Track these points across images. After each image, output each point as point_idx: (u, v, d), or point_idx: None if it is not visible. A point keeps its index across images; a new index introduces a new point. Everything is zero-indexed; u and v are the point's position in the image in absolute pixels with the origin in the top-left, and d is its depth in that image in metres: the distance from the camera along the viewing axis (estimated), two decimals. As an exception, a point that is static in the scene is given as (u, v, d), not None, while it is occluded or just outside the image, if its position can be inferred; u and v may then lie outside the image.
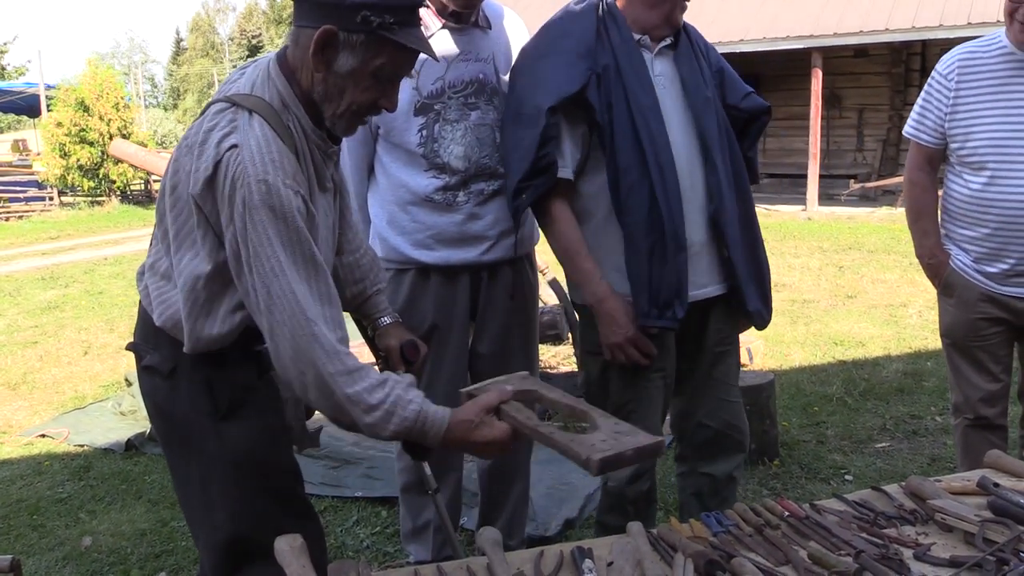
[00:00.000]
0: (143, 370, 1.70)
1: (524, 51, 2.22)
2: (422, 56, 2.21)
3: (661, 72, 2.15)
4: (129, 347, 1.77)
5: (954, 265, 2.54)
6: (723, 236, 2.16)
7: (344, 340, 1.51)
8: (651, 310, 2.09)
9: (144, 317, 1.70)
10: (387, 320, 1.97)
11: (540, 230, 2.37)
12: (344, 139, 2.12)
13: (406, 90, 2.21)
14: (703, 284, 2.18)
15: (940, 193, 2.61)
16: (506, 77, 2.34)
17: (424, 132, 2.26)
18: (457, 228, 2.32)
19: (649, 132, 2.06)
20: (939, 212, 2.62)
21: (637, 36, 2.12)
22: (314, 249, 1.49)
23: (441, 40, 2.26)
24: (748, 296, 2.20)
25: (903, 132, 2.62)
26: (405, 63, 1.55)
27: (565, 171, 2.13)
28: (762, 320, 2.25)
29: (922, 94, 2.54)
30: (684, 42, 2.19)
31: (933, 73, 2.50)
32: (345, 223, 1.91)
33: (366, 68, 1.49)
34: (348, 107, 1.54)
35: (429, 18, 2.24)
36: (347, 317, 1.68)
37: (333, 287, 1.52)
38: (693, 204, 2.13)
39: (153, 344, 1.67)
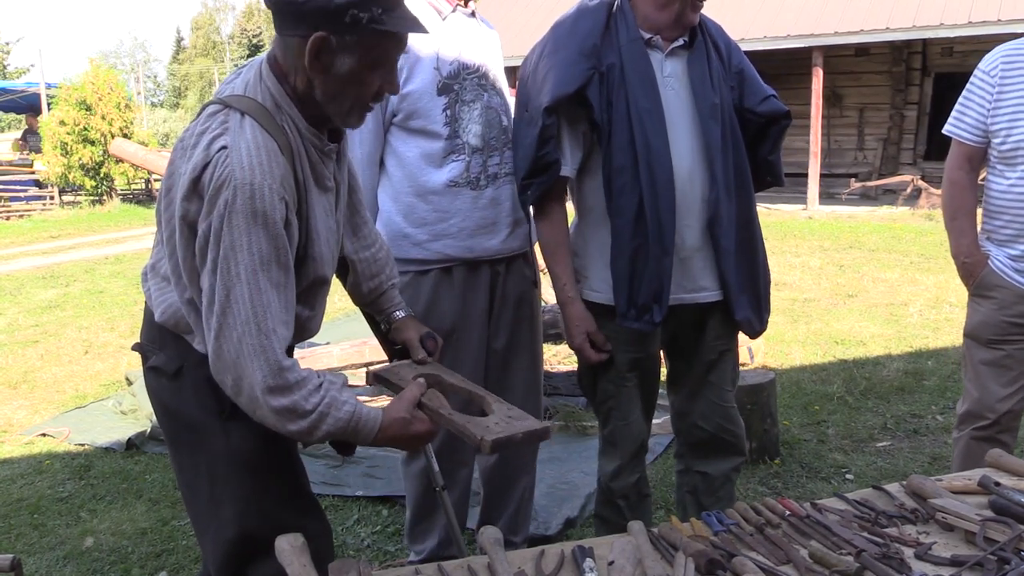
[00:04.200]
0: (149, 370, 1.71)
1: (535, 49, 2.21)
2: (440, 38, 2.24)
3: (671, 73, 2.11)
4: (135, 347, 1.78)
5: (993, 265, 2.51)
6: (716, 244, 2.14)
7: (290, 344, 1.57)
8: (629, 311, 2.11)
9: (149, 318, 1.71)
10: (401, 314, 1.99)
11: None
12: (355, 133, 2.13)
13: (428, 71, 2.24)
14: (697, 288, 2.18)
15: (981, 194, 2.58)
16: (501, 80, 2.41)
17: (448, 112, 2.28)
18: (481, 213, 2.33)
19: (644, 135, 2.05)
20: (980, 212, 2.59)
21: (648, 35, 2.10)
22: (290, 259, 1.49)
23: (456, 22, 2.31)
24: (737, 305, 2.19)
25: (943, 131, 2.59)
26: (398, 45, 1.55)
27: (566, 169, 2.16)
28: (751, 329, 2.24)
29: (963, 92, 2.53)
30: (700, 42, 2.14)
31: (975, 71, 2.49)
32: (360, 219, 1.92)
33: (365, 63, 1.49)
34: (354, 103, 1.55)
35: (440, 3, 2.29)
36: (355, 314, 1.68)
37: (294, 295, 1.53)
38: (691, 208, 2.11)
39: (159, 344, 1.68)
